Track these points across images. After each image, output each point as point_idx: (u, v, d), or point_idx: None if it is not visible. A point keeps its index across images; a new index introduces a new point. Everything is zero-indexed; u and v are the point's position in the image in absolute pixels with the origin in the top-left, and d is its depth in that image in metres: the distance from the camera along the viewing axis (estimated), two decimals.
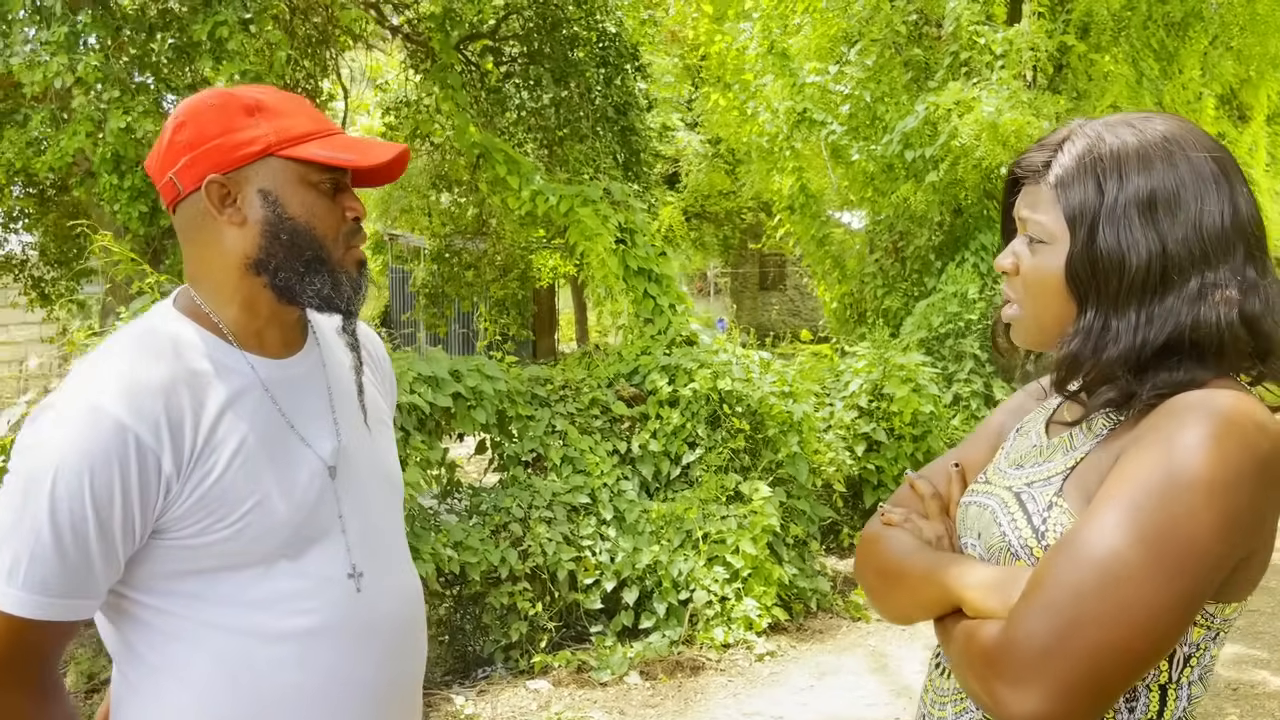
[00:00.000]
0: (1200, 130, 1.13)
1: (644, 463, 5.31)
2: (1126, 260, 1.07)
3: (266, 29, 4.55)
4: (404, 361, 4.56)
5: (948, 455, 1.39)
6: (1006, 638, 0.99)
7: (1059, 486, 1.13)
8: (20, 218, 7.16)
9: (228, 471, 1.21)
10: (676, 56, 12.28)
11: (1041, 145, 1.17)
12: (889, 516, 1.30)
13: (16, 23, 4.14)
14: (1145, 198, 1.08)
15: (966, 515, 1.25)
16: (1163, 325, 1.07)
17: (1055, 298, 1.14)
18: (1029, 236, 1.16)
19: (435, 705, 4.19)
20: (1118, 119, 1.14)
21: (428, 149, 8.59)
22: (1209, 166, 1.09)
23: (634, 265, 5.86)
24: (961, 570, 1.13)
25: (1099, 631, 0.96)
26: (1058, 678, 0.96)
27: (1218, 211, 1.07)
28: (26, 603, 1.14)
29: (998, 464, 1.27)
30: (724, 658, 4.70)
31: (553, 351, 12.15)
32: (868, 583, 1.29)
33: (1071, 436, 1.17)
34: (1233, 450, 0.99)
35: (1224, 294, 1.06)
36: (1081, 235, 1.10)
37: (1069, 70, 8.22)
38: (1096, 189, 1.10)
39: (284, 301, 1.29)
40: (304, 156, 1.25)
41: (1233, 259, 1.08)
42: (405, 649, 1.38)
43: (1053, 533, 1.10)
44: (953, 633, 1.10)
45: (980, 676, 1.02)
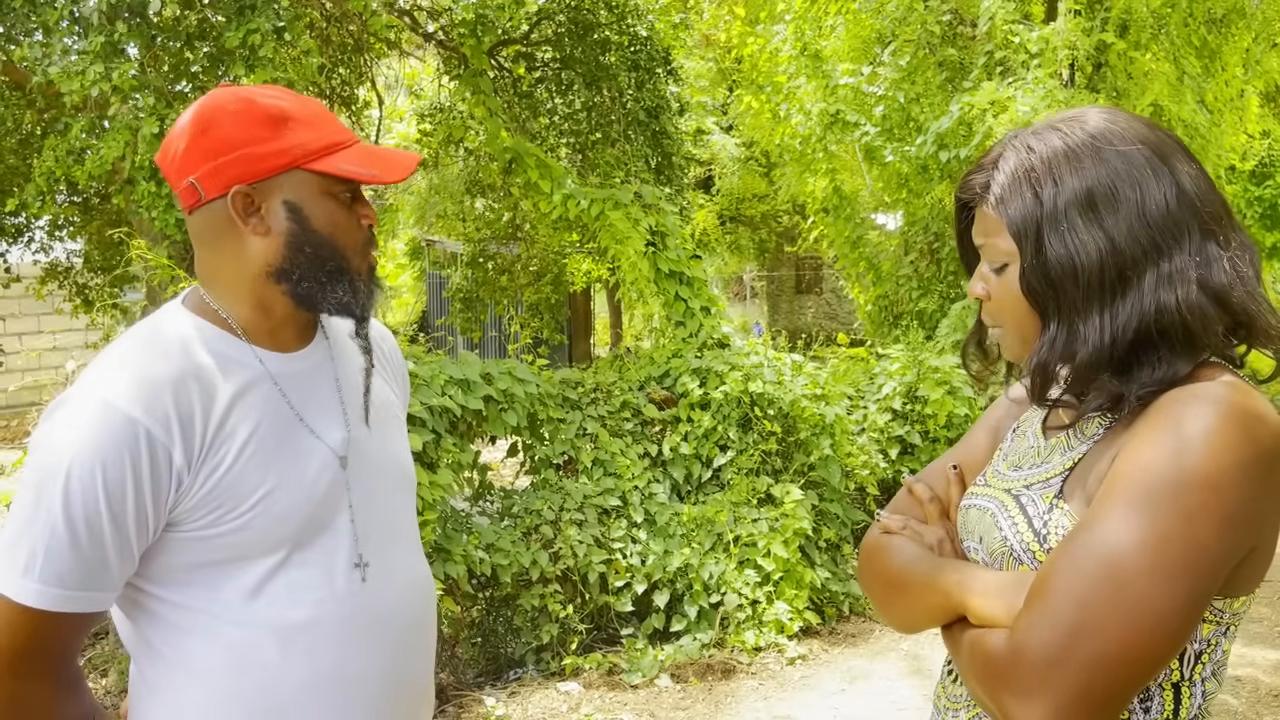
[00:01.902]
0: (1132, 119, 1.12)
1: (675, 465, 5.30)
2: (1078, 264, 1.07)
3: (300, 37, 4.61)
4: (435, 364, 4.60)
5: (945, 457, 1.38)
6: (1012, 648, 0.98)
7: (1058, 488, 1.12)
8: (65, 226, 7.30)
9: (238, 463, 1.23)
10: (711, 60, 12.28)
11: (979, 167, 1.17)
12: (888, 524, 1.29)
13: (56, 32, 4.23)
14: (1083, 198, 1.07)
15: (967, 518, 1.24)
16: (1128, 321, 1.06)
17: (1027, 314, 1.14)
18: (990, 264, 1.17)
19: (466, 706, 4.21)
20: (1044, 125, 1.14)
21: (462, 155, 8.65)
22: (1142, 154, 1.08)
23: (665, 268, 5.86)
24: (964, 577, 1.11)
25: (1105, 639, 0.94)
26: (1065, 687, 0.95)
27: (1160, 197, 1.07)
28: (43, 595, 1.16)
29: (995, 466, 1.26)
30: (755, 661, 4.68)
31: (588, 355, 12.18)
32: (873, 592, 1.29)
33: (1068, 438, 1.17)
34: (1231, 447, 0.97)
35: (1182, 276, 1.05)
36: (1029, 248, 1.10)
37: (1108, 69, 8.11)
38: (1034, 198, 1.10)
39: (303, 309, 1.31)
40: (331, 171, 1.26)
41: (1187, 240, 1.07)
42: (412, 641, 1.39)
43: (1054, 535, 1.09)
44: (960, 641, 1.10)
45: (988, 686, 1.02)
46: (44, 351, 12.11)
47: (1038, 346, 1.13)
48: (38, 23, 4.28)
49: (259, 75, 4.18)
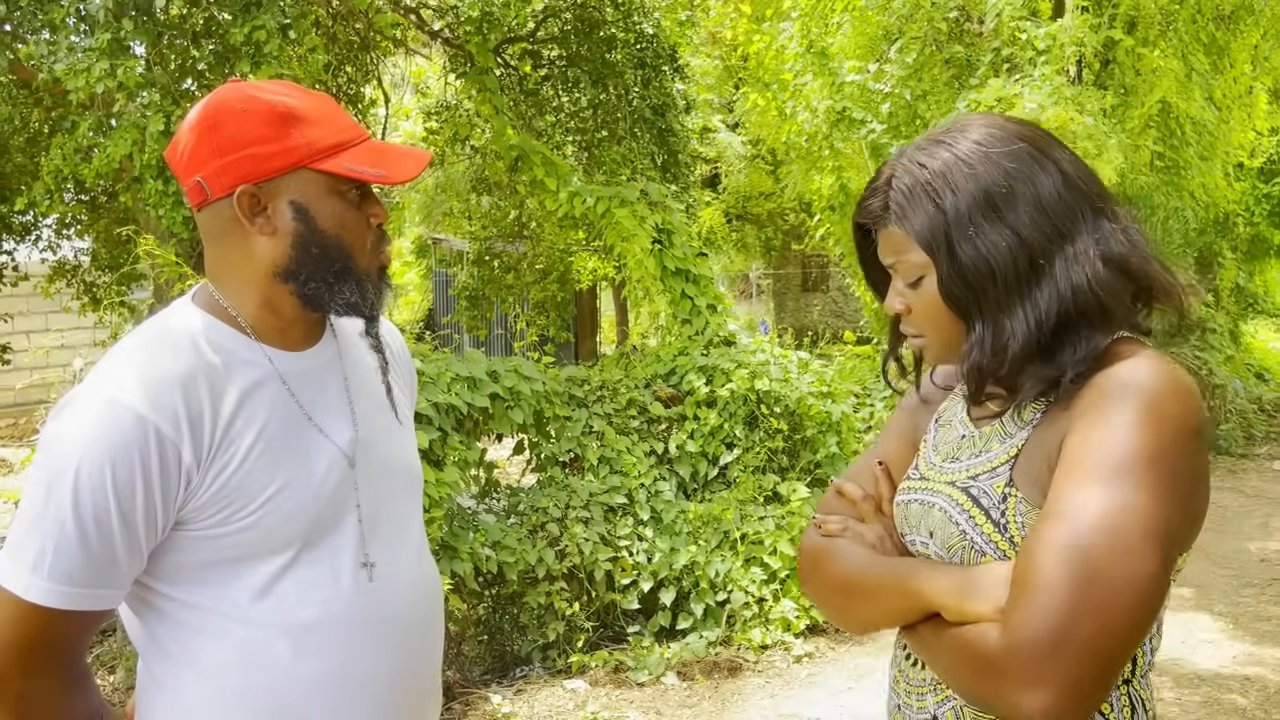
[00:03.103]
0: (1007, 120, 1.19)
1: (681, 463, 5.30)
2: (992, 263, 1.12)
3: (306, 35, 4.61)
4: (441, 362, 4.60)
5: (866, 457, 1.40)
6: (1010, 642, 1.00)
7: (1007, 477, 1.16)
8: (72, 224, 7.31)
9: (246, 461, 1.23)
10: (717, 58, 12.26)
11: (872, 190, 1.21)
12: (828, 527, 1.30)
13: (62, 29, 4.23)
14: (982, 200, 1.13)
15: (908, 513, 1.26)
16: (1049, 306, 1.12)
17: (950, 320, 1.18)
18: (903, 279, 1.20)
19: (473, 704, 4.21)
20: (927, 141, 1.19)
21: (468, 152, 8.65)
22: (1026, 150, 1.15)
23: (671, 266, 5.85)
24: (931, 577, 1.14)
25: (1096, 620, 0.98)
26: (1067, 671, 0.98)
27: (1051, 186, 1.13)
28: (52, 593, 1.16)
29: (928, 458, 1.29)
30: (761, 659, 4.68)
31: (594, 353, 12.17)
32: (823, 597, 1.30)
33: (1003, 425, 1.20)
34: (1168, 419, 1.05)
35: (1086, 255, 1.12)
36: (942, 258, 1.14)
37: (1116, 65, 8.08)
38: (936, 209, 1.14)
39: (310, 309, 1.30)
40: (337, 171, 1.25)
41: (1084, 221, 1.14)
42: (419, 641, 1.39)
43: (1014, 524, 1.13)
44: (938, 639, 1.11)
45: (986, 681, 1.04)
46: (51, 349, 12.13)
47: (967, 350, 1.17)
48: (44, 20, 4.29)
49: (265, 72, 4.19)
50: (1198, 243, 10.58)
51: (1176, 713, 4.05)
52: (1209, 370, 9.18)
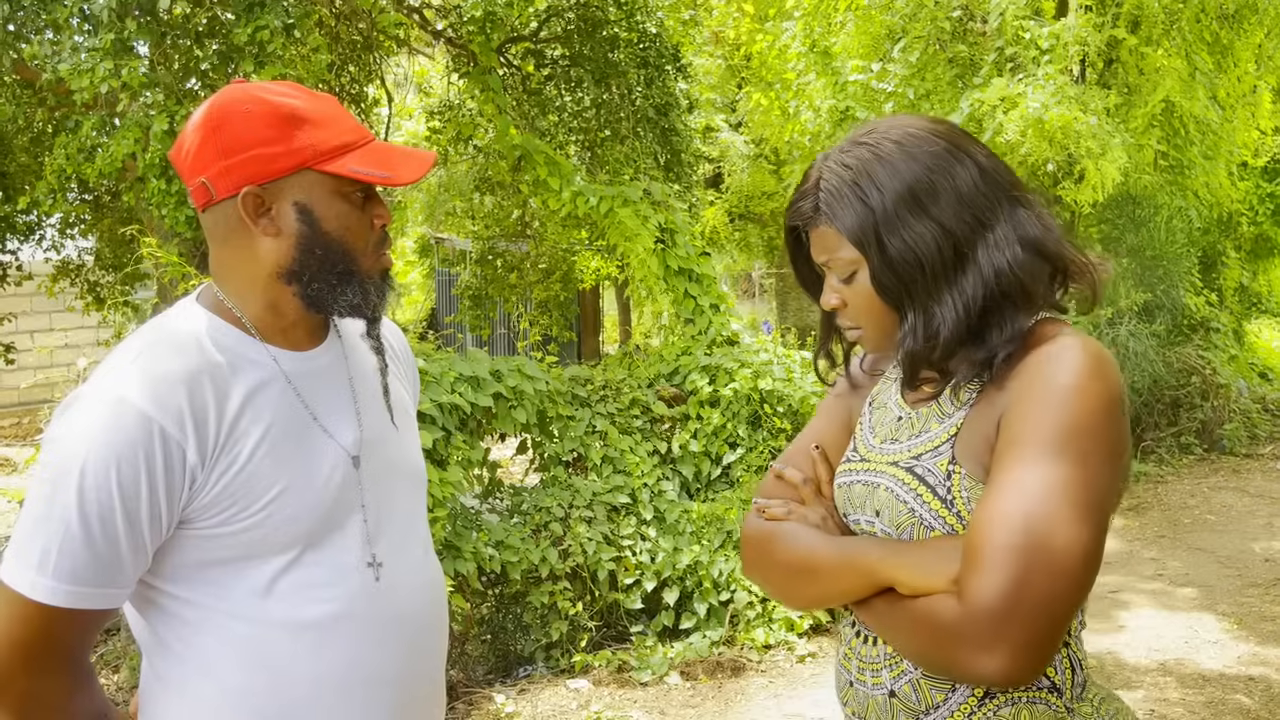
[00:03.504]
0: (922, 119, 1.26)
1: (684, 463, 5.30)
2: (920, 254, 1.19)
3: (309, 34, 4.61)
4: (445, 361, 4.60)
5: (801, 441, 1.44)
6: (966, 610, 1.06)
7: (950, 455, 1.22)
8: (76, 223, 7.33)
9: (251, 461, 1.23)
10: (720, 57, 12.25)
11: (801, 193, 1.28)
12: (772, 511, 1.34)
13: (66, 29, 4.24)
14: (907, 196, 1.20)
15: (851, 494, 1.31)
16: (975, 292, 1.20)
17: (883, 311, 1.25)
18: (836, 276, 1.27)
19: (476, 704, 4.21)
20: (849, 143, 1.26)
21: (471, 152, 8.65)
22: (943, 146, 1.22)
23: (674, 265, 5.85)
24: (883, 554, 1.19)
25: (1046, 581, 1.05)
26: (1020, 634, 1.04)
27: (969, 179, 1.21)
28: (57, 592, 1.16)
29: (866, 440, 1.34)
30: (765, 659, 4.68)
31: (597, 353, 12.17)
32: (772, 578, 1.33)
33: (940, 406, 1.27)
34: (1097, 393, 1.13)
35: (1006, 240, 1.20)
36: (873, 252, 1.21)
37: (1119, 65, 8.07)
38: (865, 207, 1.21)
39: (312, 310, 1.30)
40: (341, 173, 1.25)
41: (1001, 209, 1.22)
42: (425, 640, 1.39)
43: (960, 499, 1.19)
44: (893, 612, 1.17)
45: (943, 648, 1.09)
46: (55, 349, 12.15)
47: (901, 338, 1.24)
48: (48, 20, 4.30)
49: (268, 72, 4.19)
50: (1201, 242, 10.57)
51: (1181, 713, 4.04)
52: (1212, 370, 9.16)
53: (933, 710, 1.21)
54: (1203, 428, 9.01)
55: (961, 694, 1.19)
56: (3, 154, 6.28)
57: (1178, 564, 6.03)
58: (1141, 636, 4.85)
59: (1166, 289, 9.16)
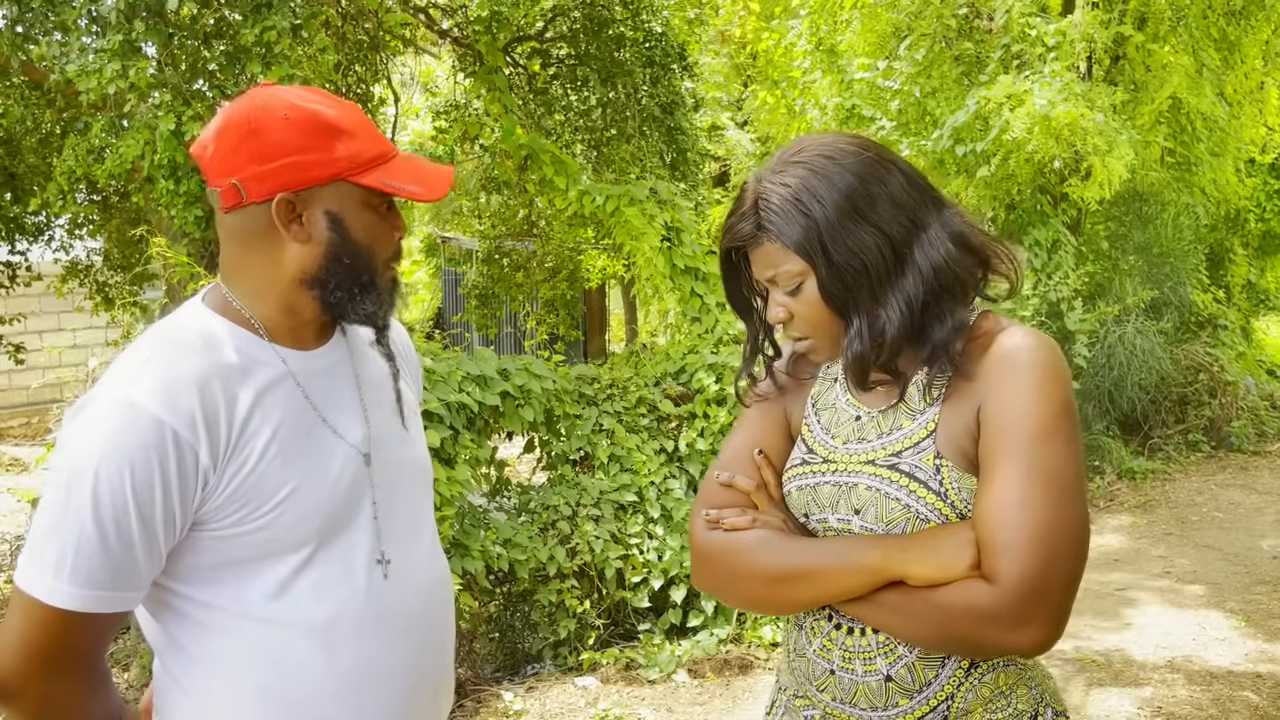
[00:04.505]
0: (842, 135, 1.34)
1: (691, 461, 5.31)
2: (865, 259, 1.26)
3: (316, 35, 4.62)
4: (452, 360, 4.61)
5: (735, 447, 1.44)
6: (1002, 593, 1.15)
7: (934, 450, 1.28)
8: (85, 224, 7.34)
9: (262, 462, 1.24)
10: (725, 55, 12.24)
11: (740, 216, 1.32)
12: (732, 521, 1.34)
13: (74, 30, 4.25)
14: (846, 205, 1.26)
15: (817, 495, 1.33)
16: (916, 290, 1.27)
17: (830, 319, 1.31)
18: (783, 289, 1.32)
19: (485, 701, 4.23)
20: (781, 164, 1.32)
21: (477, 151, 8.66)
22: (867, 156, 1.29)
23: (680, 264, 5.85)
24: (888, 550, 1.23)
25: (1069, 559, 1.17)
26: (1051, 608, 1.16)
27: (898, 185, 1.29)
28: (74, 596, 1.17)
29: (823, 442, 1.37)
30: (772, 656, 4.69)
31: (604, 351, 12.17)
32: (750, 588, 1.33)
33: (908, 404, 1.32)
34: (1062, 380, 1.24)
35: (939, 238, 1.29)
36: (820, 261, 1.27)
37: (1126, 62, 8.05)
38: (807, 219, 1.26)
39: (329, 316, 1.32)
40: (377, 186, 1.27)
41: (929, 210, 1.30)
42: (434, 635, 1.40)
43: (953, 491, 1.25)
44: (913, 604, 1.22)
45: (978, 630, 1.18)
46: (65, 349, 12.19)
47: (848, 342, 1.30)
48: (56, 22, 4.31)
49: (275, 72, 4.20)
50: (1209, 239, 10.53)
51: (1189, 711, 4.04)
52: (1220, 367, 9.14)
53: (925, 687, 1.27)
54: (1210, 425, 8.99)
55: (949, 669, 1.26)
56: (12, 155, 6.30)
57: (1185, 561, 6.02)
58: (1149, 634, 4.85)
59: (1174, 286, 9.14)
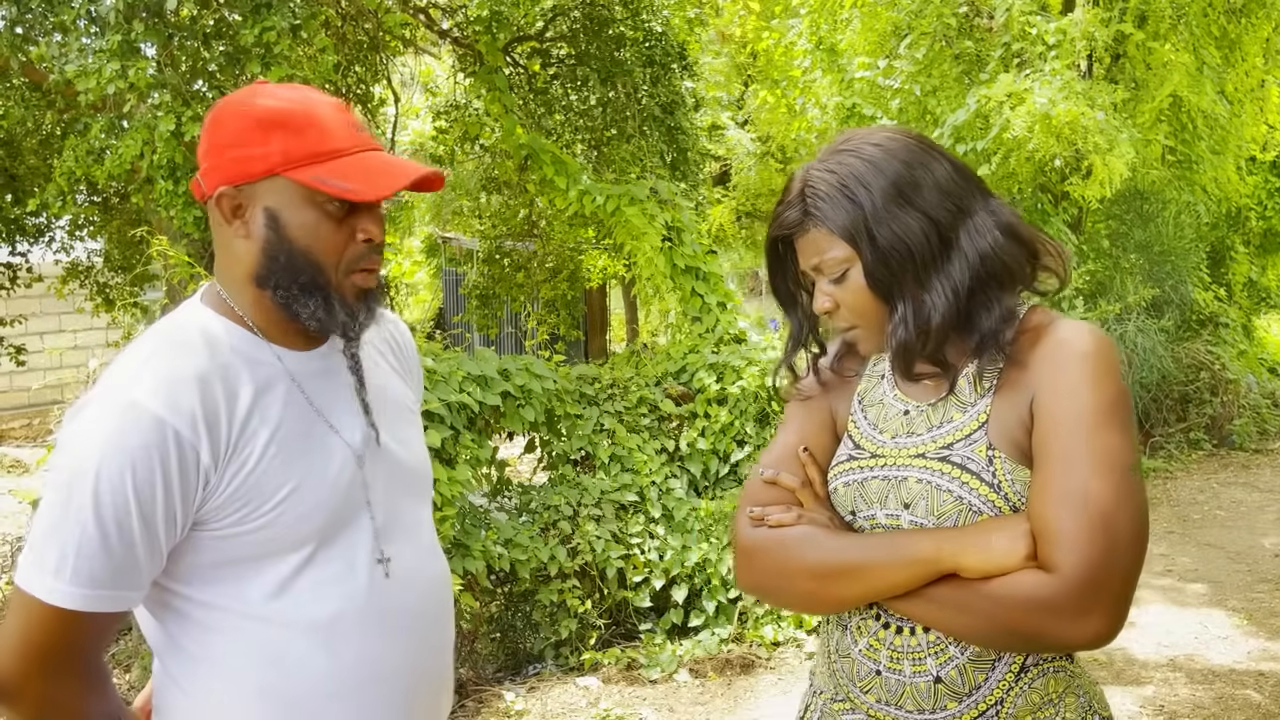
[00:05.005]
0: (891, 127, 1.35)
1: (692, 461, 5.30)
2: (910, 244, 1.26)
3: (316, 35, 4.62)
4: (453, 361, 4.61)
5: (782, 444, 1.43)
6: (1062, 583, 1.14)
7: (986, 441, 1.27)
8: (85, 225, 7.34)
9: (262, 461, 1.24)
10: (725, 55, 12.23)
11: (786, 204, 1.33)
12: (778, 518, 1.33)
13: (73, 31, 4.25)
14: (892, 191, 1.26)
15: (865, 491, 1.32)
16: (962, 276, 1.27)
17: (876, 306, 1.30)
18: (828, 277, 1.31)
19: (486, 701, 4.22)
20: (829, 153, 1.32)
21: (477, 151, 8.66)
22: (916, 146, 1.30)
23: (681, 264, 5.85)
24: (940, 542, 1.21)
25: (1129, 548, 1.15)
26: (1112, 597, 1.14)
27: (944, 172, 1.29)
28: (75, 596, 1.17)
29: (871, 437, 1.36)
30: (774, 655, 4.68)
31: (605, 351, 12.17)
32: (796, 585, 1.32)
33: (958, 396, 1.32)
34: (1116, 368, 1.23)
35: (985, 226, 1.28)
36: (865, 247, 1.27)
37: (1126, 60, 8.05)
38: (854, 206, 1.27)
39: (287, 316, 1.29)
40: (307, 183, 1.24)
41: (976, 199, 1.30)
42: (433, 635, 1.40)
43: (1006, 483, 1.24)
44: (966, 597, 1.19)
45: (1037, 622, 1.15)
46: (65, 350, 12.19)
47: (892, 328, 1.29)
48: (55, 23, 4.31)
49: (275, 73, 4.20)
50: (1210, 237, 10.53)
51: (1191, 709, 4.04)
52: (1221, 365, 9.13)
53: (975, 690, 1.25)
54: (1212, 423, 8.99)
55: (1000, 672, 1.25)
56: (12, 156, 6.30)
57: (1187, 560, 6.02)
58: (1151, 632, 4.85)
59: (1175, 284, 9.13)
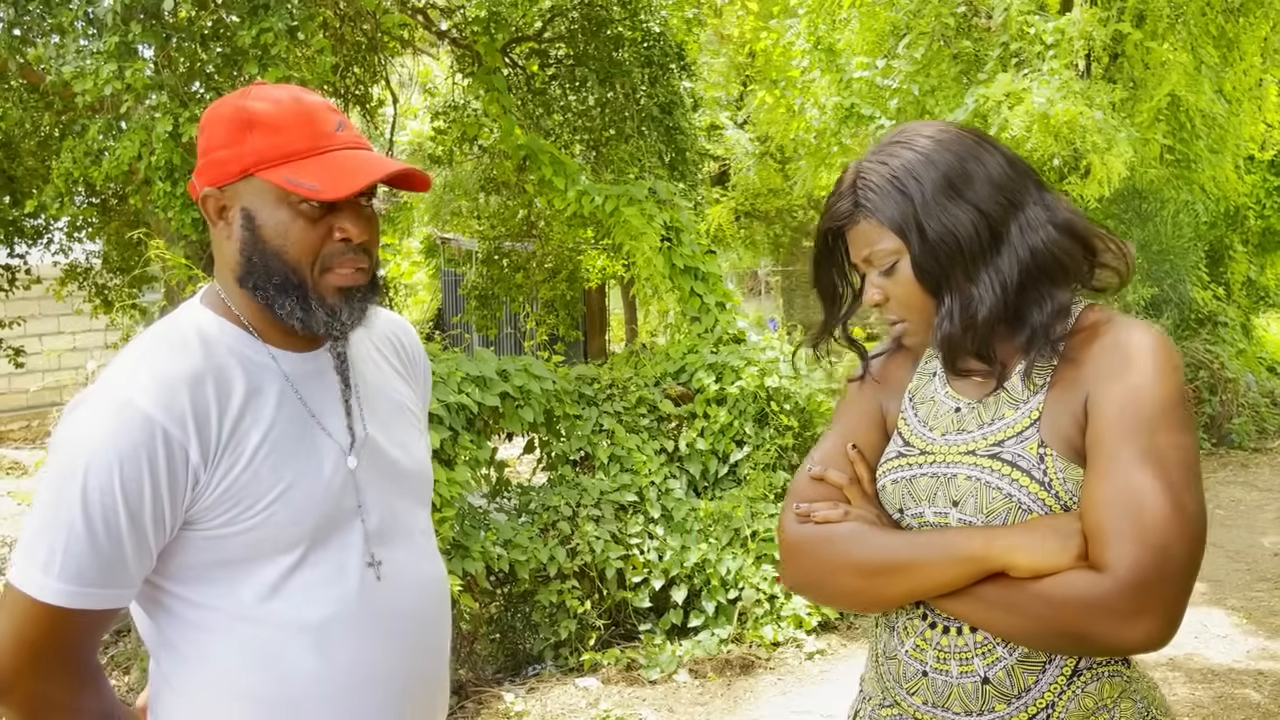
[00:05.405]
0: (940, 121, 1.35)
1: (691, 461, 5.30)
2: (958, 236, 1.25)
3: (314, 36, 4.62)
4: (452, 362, 4.60)
5: (832, 441, 1.43)
6: (1114, 582, 1.11)
7: (1038, 439, 1.25)
8: (84, 227, 7.34)
9: (253, 462, 1.24)
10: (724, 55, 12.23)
11: (838, 195, 1.33)
12: (825, 514, 1.32)
13: (71, 32, 4.25)
14: (943, 183, 1.26)
15: (913, 488, 1.31)
16: (1011, 270, 1.25)
17: (924, 299, 1.30)
18: (878, 269, 1.31)
19: (486, 703, 4.22)
20: (881, 147, 1.32)
21: (476, 152, 8.65)
22: (970, 139, 1.30)
23: (680, 264, 5.85)
24: (989, 540, 1.19)
25: (1185, 548, 1.12)
26: (1165, 599, 1.11)
27: (998, 165, 1.28)
28: (63, 593, 1.17)
29: (920, 434, 1.35)
30: (773, 656, 4.68)
31: (604, 352, 12.16)
32: (841, 581, 1.31)
33: (1009, 393, 1.30)
34: (1175, 368, 1.21)
35: (1038, 220, 1.27)
36: (914, 238, 1.27)
37: (1124, 59, 8.04)
38: (904, 198, 1.27)
39: (272, 316, 1.29)
40: (276, 182, 1.24)
41: (1030, 193, 1.28)
42: (427, 637, 1.40)
43: (1058, 481, 1.22)
44: (1015, 596, 1.17)
45: (1087, 623, 1.13)
46: (64, 352, 12.19)
47: (938, 321, 1.28)
48: (53, 24, 4.31)
49: (272, 74, 4.19)
50: (1208, 236, 10.53)
51: (1189, 708, 4.03)
52: (1220, 364, 9.13)
53: (1025, 693, 1.23)
54: (1211, 422, 8.99)
55: (1051, 674, 1.22)
56: (10, 158, 6.29)
57: None
58: None
59: (1174, 283, 9.14)
